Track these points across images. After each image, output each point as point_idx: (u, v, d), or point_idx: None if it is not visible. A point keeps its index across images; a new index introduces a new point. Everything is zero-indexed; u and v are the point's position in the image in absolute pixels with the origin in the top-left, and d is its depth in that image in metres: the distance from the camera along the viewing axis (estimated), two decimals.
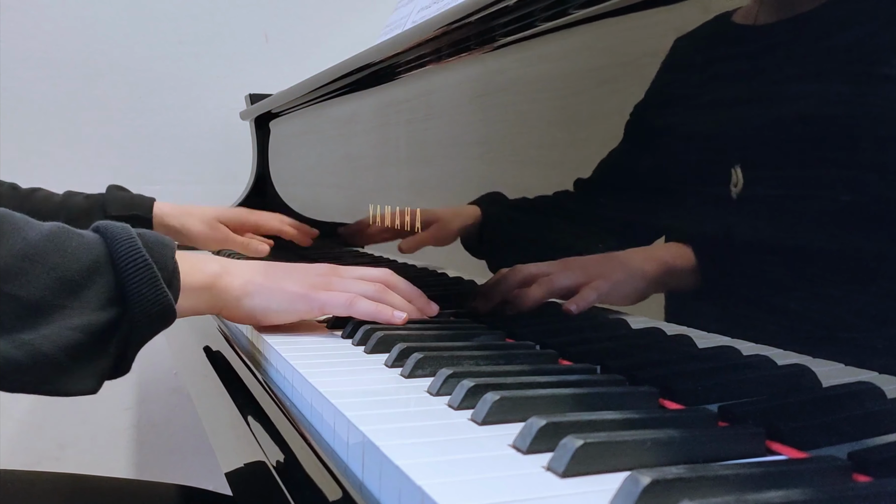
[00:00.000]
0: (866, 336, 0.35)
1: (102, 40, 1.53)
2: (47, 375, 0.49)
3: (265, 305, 0.63)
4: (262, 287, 0.63)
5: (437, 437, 0.38)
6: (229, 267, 0.63)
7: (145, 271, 0.52)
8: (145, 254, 0.52)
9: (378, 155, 0.93)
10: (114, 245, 0.52)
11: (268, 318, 0.64)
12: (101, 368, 0.51)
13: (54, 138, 1.51)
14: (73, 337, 0.49)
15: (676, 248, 0.47)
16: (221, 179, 1.62)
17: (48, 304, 0.48)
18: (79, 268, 0.50)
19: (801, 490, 0.29)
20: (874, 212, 0.35)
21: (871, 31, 0.36)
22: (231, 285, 0.62)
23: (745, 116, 0.42)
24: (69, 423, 1.54)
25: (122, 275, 0.51)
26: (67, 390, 0.50)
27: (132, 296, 0.51)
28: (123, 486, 0.85)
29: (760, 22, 0.42)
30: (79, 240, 0.51)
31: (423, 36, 0.75)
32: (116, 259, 0.52)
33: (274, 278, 0.64)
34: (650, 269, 0.49)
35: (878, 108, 0.35)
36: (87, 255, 0.51)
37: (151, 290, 0.52)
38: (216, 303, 0.62)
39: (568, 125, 0.58)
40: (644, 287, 0.50)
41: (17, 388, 0.48)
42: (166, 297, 0.53)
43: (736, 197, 0.42)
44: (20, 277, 0.48)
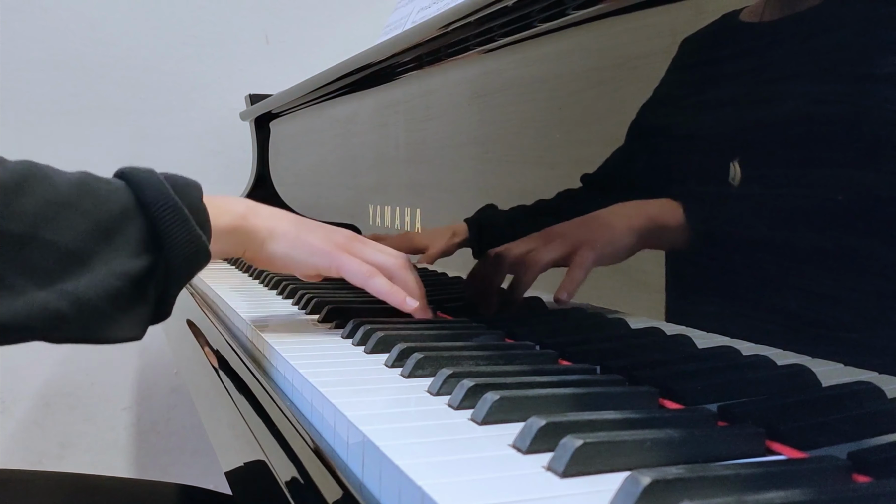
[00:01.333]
0: (866, 336, 0.35)
1: (103, 41, 1.53)
2: (93, 324, 0.48)
3: (286, 252, 0.63)
4: (287, 234, 0.63)
5: (437, 437, 0.38)
6: (257, 209, 0.63)
7: (177, 214, 0.52)
8: (175, 197, 0.52)
9: (378, 155, 0.94)
10: (142, 191, 0.52)
11: (286, 266, 0.64)
12: (143, 314, 0.51)
13: (55, 138, 1.51)
14: (115, 284, 0.48)
15: (661, 202, 0.47)
16: (221, 179, 1.62)
17: (86, 251, 0.48)
18: (111, 213, 0.50)
19: (801, 490, 0.29)
20: (874, 212, 0.35)
21: (868, 32, 0.36)
22: (258, 227, 0.62)
23: (743, 116, 0.42)
24: (69, 423, 1.54)
25: (155, 219, 0.51)
26: (114, 337, 0.50)
27: (167, 239, 0.51)
28: (123, 486, 0.85)
29: (757, 21, 0.42)
30: (107, 186, 0.51)
31: (422, 36, 0.75)
32: (146, 204, 0.51)
33: (299, 228, 0.63)
34: (635, 223, 0.49)
35: (880, 107, 0.35)
36: (116, 201, 0.50)
37: (184, 233, 0.52)
38: (242, 243, 0.61)
39: (566, 125, 0.58)
40: (631, 242, 0.49)
41: (63, 339, 0.48)
42: (199, 237, 0.53)
43: (735, 197, 0.42)
44: (55, 223, 0.47)
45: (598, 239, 0.52)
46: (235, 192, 1.50)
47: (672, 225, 0.46)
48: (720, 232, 0.44)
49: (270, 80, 1.54)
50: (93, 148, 1.54)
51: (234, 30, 1.62)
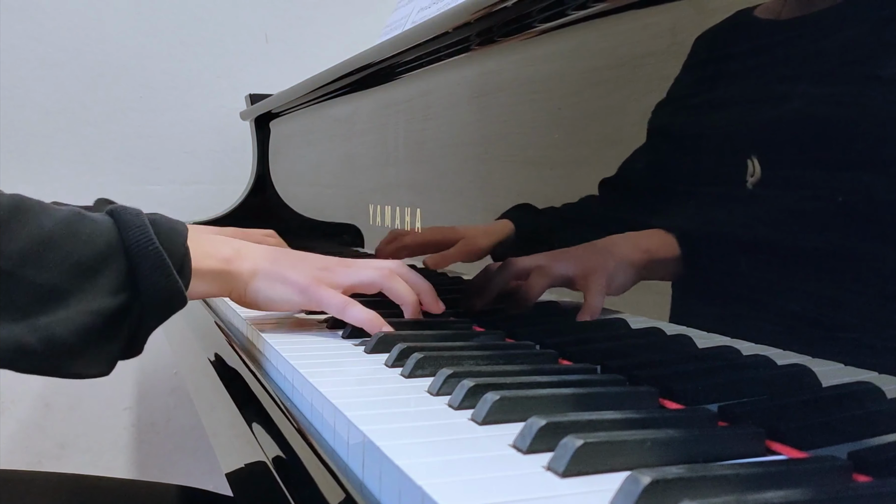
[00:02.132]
0: (866, 336, 0.35)
1: (103, 41, 1.53)
2: (61, 359, 0.50)
3: (267, 294, 0.64)
4: (268, 274, 0.64)
5: (438, 437, 0.38)
6: (241, 251, 0.64)
7: (156, 259, 0.53)
8: (156, 242, 0.54)
9: (378, 155, 0.94)
10: (126, 232, 0.53)
11: (269, 306, 0.65)
12: (113, 351, 0.53)
13: (55, 138, 1.51)
14: (86, 321, 0.50)
15: (660, 235, 0.48)
16: (221, 179, 1.62)
17: (63, 289, 0.49)
18: (92, 254, 0.51)
19: (801, 490, 0.29)
20: (875, 212, 0.35)
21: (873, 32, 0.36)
22: (241, 270, 0.63)
23: (744, 116, 0.42)
24: (69, 423, 1.54)
25: (134, 262, 0.53)
26: (79, 373, 0.52)
27: (143, 283, 0.53)
28: (123, 486, 0.85)
29: (757, 21, 0.42)
30: (92, 226, 0.53)
31: (422, 36, 0.75)
32: (128, 246, 0.53)
33: (280, 266, 0.64)
34: (638, 257, 0.50)
35: (875, 107, 0.35)
36: (100, 242, 0.52)
37: (161, 278, 0.53)
38: (226, 287, 0.63)
39: (566, 125, 0.58)
40: (634, 277, 0.50)
41: (31, 371, 0.50)
42: (176, 284, 0.54)
43: (737, 197, 0.42)
44: (37, 262, 0.49)
45: (607, 267, 0.53)
46: (235, 192, 1.50)
47: (670, 256, 0.47)
48: (721, 232, 0.43)
49: (270, 80, 1.54)
50: (92, 148, 1.53)
51: (234, 29, 1.62)
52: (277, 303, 0.64)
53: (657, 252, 0.48)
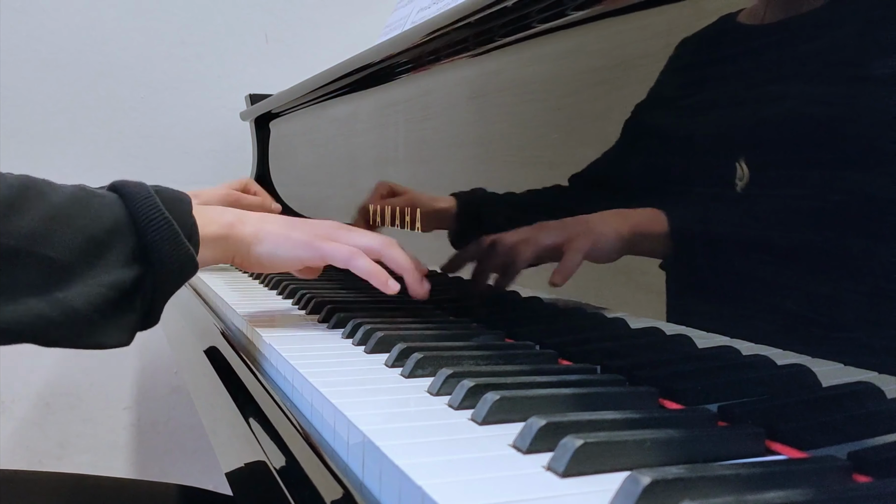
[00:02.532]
0: (866, 336, 0.35)
1: (103, 41, 1.53)
2: (80, 331, 0.51)
3: (272, 251, 0.65)
4: (271, 234, 0.65)
5: (438, 437, 0.38)
6: (243, 216, 0.65)
7: (166, 229, 0.54)
8: (164, 211, 0.55)
9: (378, 155, 0.94)
10: (133, 204, 0.54)
11: (274, 265, 0.67)
12: (131, 322, 0.54)
13: (55, 138, 1.51)
14: (103, 293, 0.51)
15: (651, 212, 0.48)
16: (221, 179, 1.61)
17: (77, 263, 0.51)
18: (102, 227, 0.52)
19: (801, 490, 0.29)
20: (874, 212, 0.35)
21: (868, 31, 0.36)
22: (244, 233, 0.64)
23: (742, 117, 0.42)
24: (69, 423, 1.54)
25: (144, 233, 0.54)
26: (101, 343, 0.53)
27: (155, 252, 0.54)
28: (123, 486, 0.85)
29: (756, 22, 0.42)
30: (100, 200, 0.54)
31: (422, 36, 0.75)
32: (136, 218, 0.54)
33: (282, 226, 0.66)
34: (624, 227, 0.50)
35: (874, 107, 0.35)
36: (108, 215, 0.53)
37: (173, 246, 0.54)
38: (230, 250, 0.64)
39: (565, 126, 0.58)
40: (620, 245, 0.51)
41: (52, 343, 0.51)
42: (188, 251, 0.56)
43: (735, 197, 0.42)
44: (49, 238, 0.50)
45: (591, 231, 0.54)
46: None
47: (658, 232, 0.48)
48: (720, 232, 0.43)
49: (270, 80, 1.54)
50: (93, 148, 1.54)
51: (234, 29, 1.62)
52: (283, 259, 0.66)
53: (645, 226, 0.49)
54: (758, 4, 0.42)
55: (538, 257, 0.59)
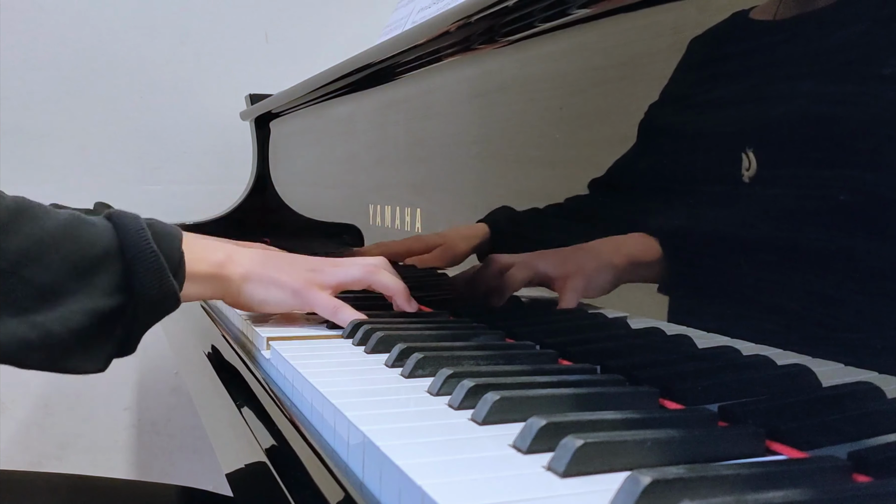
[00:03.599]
0: (866, 336, 0.35)
1: (103, 40, 1.53)
2: (57, 355, 0.51)
3: (261, 297, 0.66)
4: (261, 277, 0.66)
5: (438, 437, 0.38)
6: (233, 255, 0.66)
7: (152, 262, 0.55)
8: (153, 245, 0.55)
9: (378, 155, 0.94)
10: (124, 235, 0.55)
11: (261, 308, 0.68)
12: (108, 349, 0.55)
13: (55, 138, 1.51)
14: (82, 320, 0.52)
15: (642, 238, 0.49)
16: (221, 179, 1.62)
17: (61, 289, 0.51)
18: (91, 255, 0.53)
19: (801, 490, 0.29)
20: (875, 212, 0.35)
21: (876, 31, 0.36)
22: (233, 274, 0.65)
23: (744, 116, 0.42)
24: (69, 423, 1.54)
25: (130, 264, 0.54)
26: (76, 369, 0.53)
27: (139, 284, 0.54)
28: (123, 487, 0.85)
29: (760, 20, 0.42)
30: (92, 229, 0.54)
31: (422, 36, 0.75)
32: (126, 249, 0.54)
33: (272, 269, 0.67)
34: (619, 261, 0.51)
35: (875, 107, 0.35)
36: (99, 244, 0.53)
37: (157, 280, 0.55)
38: (218, 290, 0.65)
39: (567, 125, 0.58)
40: (613, 280, 0.52)
41: (29, 366, 0.51)
42: (171, 286, 0.56)
43: (737, 197, 0.42)
44: (37, 262, 0.51)
45: (587, 271, 0.55)
46: (236, 192, 1.50)
47: (652, 261, 0.48)
48: (721, 232, 0.43)
49: (270, 80, 1.53)
50: (92, 148, 1.53)
51: (234, 29, 1.62)
52: (271, 304, 0.67)
53: (639, 255, 0.49)
54: (763, 3, 0.42)
55: (528, 281, 0.61)
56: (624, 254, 0.51)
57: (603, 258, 0.53)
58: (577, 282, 0.55)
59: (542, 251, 0.60)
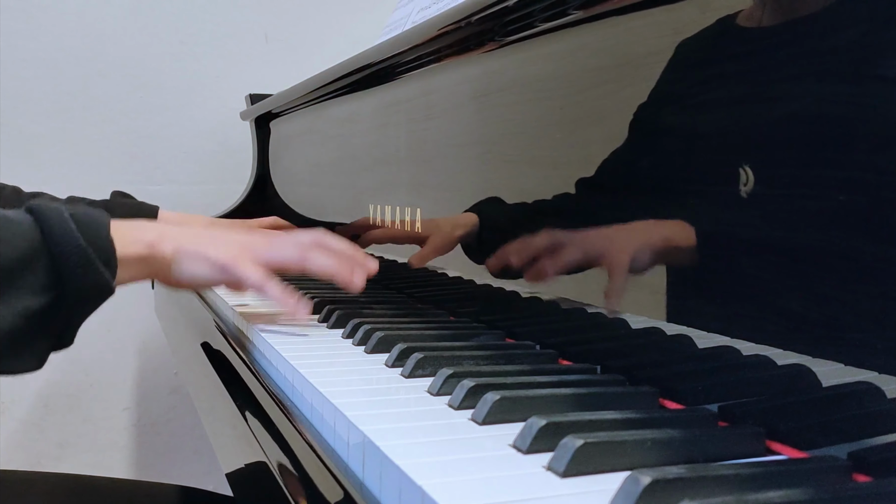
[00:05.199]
0: (866, 336, 0.35)
1: (103, 40, 1.53)
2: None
3: (191, 272, 0.64)
4: (189, 254, 0.64)
5: (438, 437, 0.38)
6: (164, 233, 0.64)
7: (81, 255, 0.53)
8: (79, 238, 0.53)
9: (378, 155, 0.94)
10: (48, 230, 0.53)
11: (195, 285, 0.66)
12: (42, 347, 0.53)
13: (55, 138, 1.51)
14: (13, 322, 0.50)
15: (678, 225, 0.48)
16: (221, 179, 1.62)
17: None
18: (15, 256, 0.51)
19: (801, 490, 0.29)
20: (874, 212, 0.35)
21: (872, 32, 0.36)
22: (164, 253, 0.63)
23: (744, 117, 0.42)
24: (69, 423, 1.54)
25: (57, 259, 0.52)
26: (10, 370, 0.52)
27: (69, 279, 0.52)
28: (123, 487, 0.85)
29: (762, 23, 0.42)
30: (14, 227, 0.52)
31: (423, 36, 0.75)
32: (51, 244, 0.52)
33: (201, 245, 0.65)
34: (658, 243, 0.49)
35: (877, 108, 0.35)
36: (22, 243, 0.51)
37: (87, 273, 0.53)
38: (151, 270, 0.63)
39: (568, 125, 0.58)
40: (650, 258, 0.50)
41: None
42: (102, 277, 0.54)
43: (736, 197, 0.42)
44: None
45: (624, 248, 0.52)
46: (236, 192, 1.50)
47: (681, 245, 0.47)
48: (721, 232, 0.44)
49: (270, 80, 1.53)
50: (92, 148, 1.54)
51: (234, 29, 1.62)
52: (199, 279, 0.65)
53: (674, 239, 0.48)
54: (765, 4, 0.42)
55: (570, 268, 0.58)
56: (663, 235, 0.49)
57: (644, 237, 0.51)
58: (624, 259, 0.52)
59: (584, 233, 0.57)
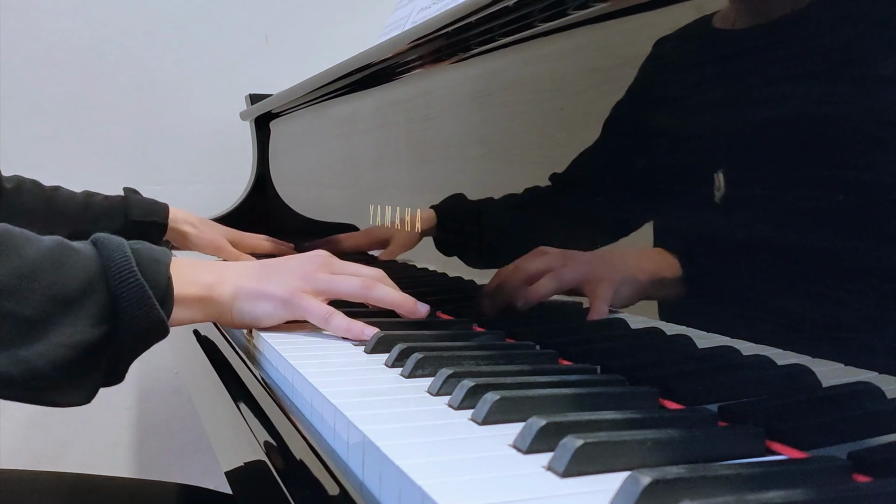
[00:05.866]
0: (866, 336, 0.35)
1: (103, 41, 1.53)
2: (40, 390, 0.50)
3: (253, 313, 0.63)
4: (250, 294, 0.63)
5: (438, 437, 0.38)
6: (222, 275, 0.63)
7: (137, 291, 0.53)
8: (138, 274, 0.53)
9: (378, 155, 0.94)
10: (108, 263, 0.53)
11: (256, 324, 0.65)
12: (93, 381, 0.53)
13: (55, 139, 1.51)
14: (66, 354, 0.50)
15: (668, 255, 0.48)
16: (221, 179, 1.62)
17: (42, 321, 0.49)
18: (74, 286, 0.51)
19: (801, 490, 0.29)
20: (873, 212, 0.35)
21: (856, 32, 0.36)
22: (223, 295, 0.62)
23: (743, 116, 0.42)
24: (70, 423, 1.54)
25: (115, 294, 0.52)
26: (59, 402, 0.52)
27: (124, 315, 0.52)
28: (124, 486, 0.85)
29: (758, 23, 0.42)
30: (75, 256, 0.52)
31: (422, 36, 0.75)
32: (110, 278, 0.52)
33: (260, 282, 0.64)
34: (645, 276, 0.50)
35: (871, 107, 0.35)
36: (82, 274, 0.52)
37: (143, 310, 0.53)
38: (210, 312, 0.62)
39: (567, 125, 0.58)
40: (640, 292, 0.50)
41: (11, 399, 0.50)
42: (158, 315, 0.54)
43: (735, 197, 0.42)
44: (17, 295, 0.49)
45: (616, 281, 0.53)
46: (236, 192, 1.50)
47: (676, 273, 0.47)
48: (720, 232, 0.43)
49: (270, 80, 1.53)
50: (92, 148, 1.53)
51: (234, 29, 1.62)
52: (263, 319, 0.64)
53: (660, 273, 0.48)
54: (761, 3, 0.42)
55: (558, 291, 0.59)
56: (648, 272, 0.49)
57: (630, 271, 0.51)
58: (607, 289, 0.53)
59: (567, 255, 0.58)
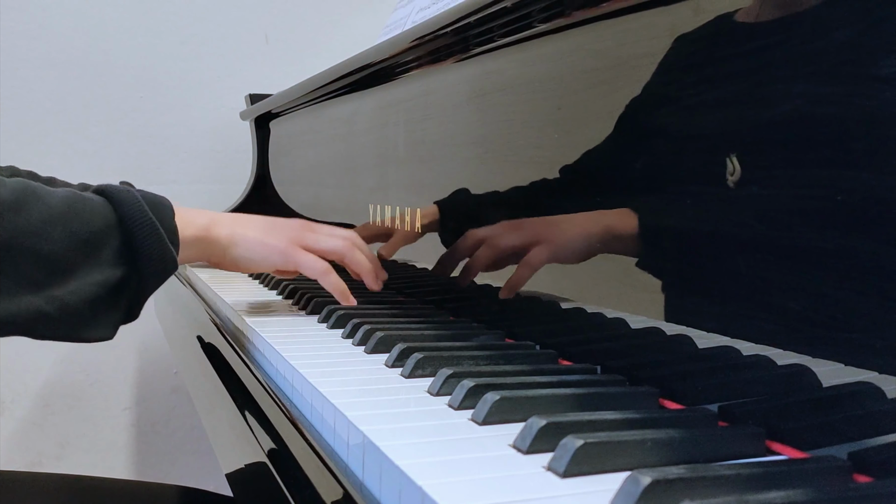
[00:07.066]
0: (866, 336, 0.35)
1: (103, 40, 1.53)
2: (72, 326, 0.55)
3: (247, 256, 0.71)
4: (246, 238, 0.70)
5: (438, 437, 0.38)
6: (216, 218, 0.70)
7: (151, 230, 0.58)
8: (150, 214, 0.59)
9: (378, 155, 0.94)
10: (120, 208, 0.58)
11: (248, 267, 0.72)
12: (116, 318, 0.58)
13: (55, 138, 1.51)
14: (94, 291, 0.55)
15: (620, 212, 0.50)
16: (221, 179, 1.62)
17: (71, 263, 0.54)
18: (94, 229, 0.56)
19: (801, 490, 0.29)
20: (874, 212, 0.35)
21: (866, 31, 0.36)
22: (219, 236, 0.69)
23: (740, 116, 0.42)
24: (69, 423, 1.54)
25: (130, 234, 0.57)
26: (88, 337, 0.56)
27: (141, 253, 0.58)
28: (123, 487, 0.85)
29: (756, 21, 0.42)
30: (90, 203, 0.57)
31: (422, 36, 0.75)
32: (123, 220, 0.57)
33: (257, 231, 0.71)
34: (595, 229, 0.53)
35: (874, 107, 0.35)
36: (100, 218, 0.56)
37: (157, 247, 0.58)
38: (207, 251, 0.69)
39: (565, 125, 0.58)
40: (588, 246, 0.52)
41: (43, 336, 0.54)
42: (170, 251, 0.59)
43: (735, 197, 0.42)
44: (46, 239, 0.53)
45: (553, 240, 0.57)
46: (236, 192, 1.50)
47: (630, 233, 0.49)
48: (720, 232, 0.43)
49: (270, 80, 1.53)
50: (93, 148, 1.53)
51: (234, 29, 1.62)
52: (258, 264, 0.71)
53: (617, 227, 0.51)
54: (757, 3, 0.42)
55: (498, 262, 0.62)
56: (603, 224, 0.52)
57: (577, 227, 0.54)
58: (539, 254, 0.57)
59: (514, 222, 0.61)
